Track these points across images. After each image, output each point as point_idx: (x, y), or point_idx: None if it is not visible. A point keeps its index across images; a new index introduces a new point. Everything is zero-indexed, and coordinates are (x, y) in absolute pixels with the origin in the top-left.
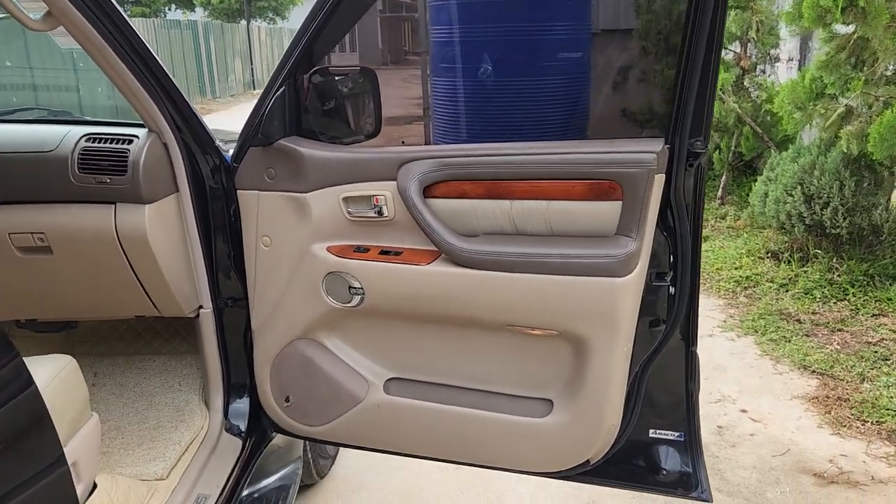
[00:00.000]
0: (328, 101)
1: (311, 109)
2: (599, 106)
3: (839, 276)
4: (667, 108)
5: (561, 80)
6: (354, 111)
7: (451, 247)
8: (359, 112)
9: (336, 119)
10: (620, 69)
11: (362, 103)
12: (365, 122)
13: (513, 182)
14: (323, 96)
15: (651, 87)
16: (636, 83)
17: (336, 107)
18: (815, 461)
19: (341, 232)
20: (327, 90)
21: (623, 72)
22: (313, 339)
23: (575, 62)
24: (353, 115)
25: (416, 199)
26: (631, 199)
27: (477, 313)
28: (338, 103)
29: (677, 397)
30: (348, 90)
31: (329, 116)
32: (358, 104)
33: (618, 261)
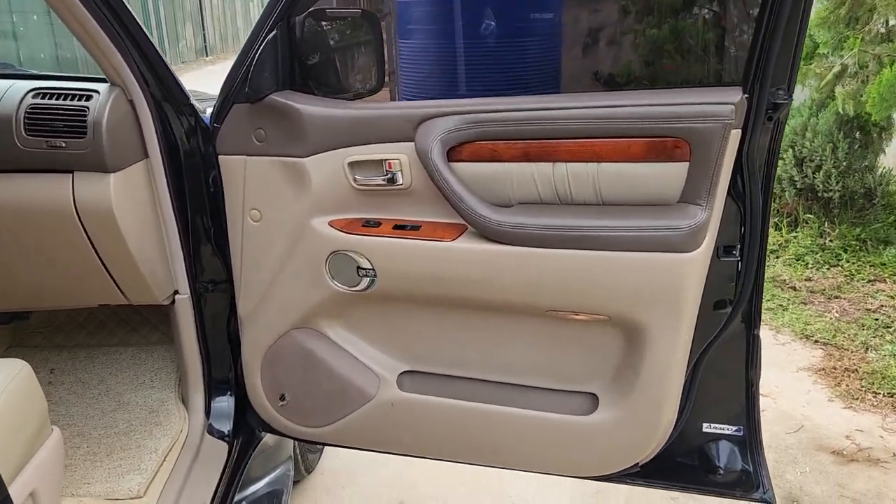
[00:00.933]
0: (327, 49)
1: (307, 58)
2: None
3: (831, 242)
4: (746, 51)
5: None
6: (355, 61)
7: (482, 219)
8: (360, 62)
9: (336, 70)
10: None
11: (363, 52)
12: (366, 75)
13: (556, 141)
14: (321, 43)
15: (728, 26)
16: (709, 25)
17: (335, 56)
18: (831, 437)
19: (347, 203)
20: (326, 36)
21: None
22: (313, 328)
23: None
24: (353, 66)
25: (439, 163)
26: (701, 160)
27: (511, 297)
28: (337, 52)
29: (736, 387)
30: (348, 37)
31: (328, 67)
32: (358, 53)
33: (684, 233)
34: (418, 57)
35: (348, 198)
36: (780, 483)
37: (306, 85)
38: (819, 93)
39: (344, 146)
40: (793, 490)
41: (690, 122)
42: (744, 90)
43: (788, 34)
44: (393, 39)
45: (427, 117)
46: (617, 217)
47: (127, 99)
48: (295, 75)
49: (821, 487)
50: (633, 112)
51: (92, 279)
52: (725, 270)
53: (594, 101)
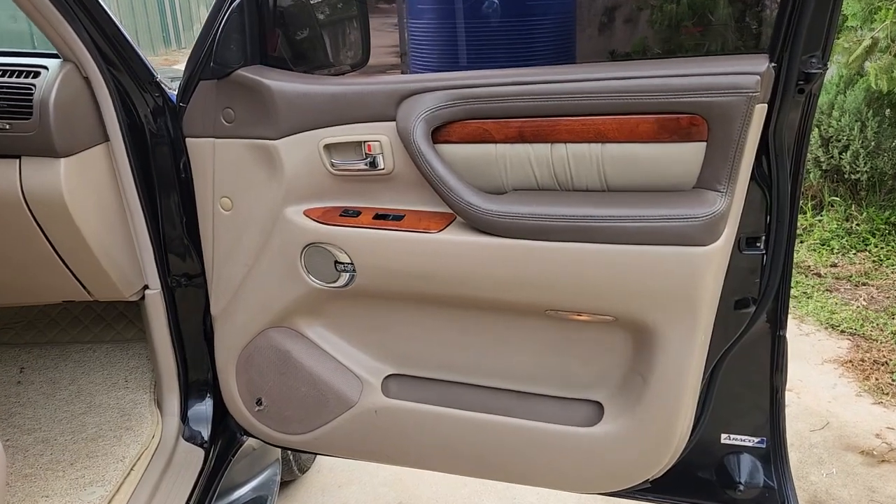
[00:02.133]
0: (302, 18)
1: (281, 29)
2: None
3: (858, 225)
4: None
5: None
6: (334, 33)
7: (471, 208)
8: (341, 35)
9: (312, 42)
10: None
11: (346, 23)
12: (349, 48)
13: (554, 119)
14: (296, 12)
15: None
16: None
17: (312, 26)
18: (859, 436)
19: (323, 190)
20: (301, 5)
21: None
22: (290, 327)
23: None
24: (333, 38)
25: (422, 145)
26: (721, 139)
27: (505, 295)
28: (315, 22)
29: (759, 393)
30: (328, 7)
31: (303, 39)
32: (340, 24)
33: (701, 223)
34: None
35: (325, 184)
36: (804, 485)
37: (280, 59)
38: (847, 69)
39: (319, 127)
40: (818, 493)
41: (708, 96)
42: (771, 58)
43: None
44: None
45: (409, 93)
46: (624, 205)
47: (82, 76)
48: (266, 49)
49: (848, 490)
50: (642, 84)
51: (50, 274)
52: (748, 265)
53: (597, 72)
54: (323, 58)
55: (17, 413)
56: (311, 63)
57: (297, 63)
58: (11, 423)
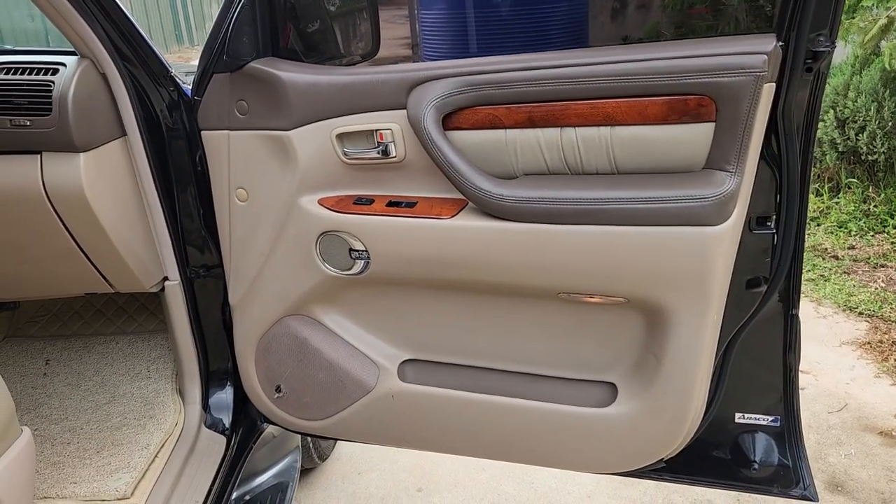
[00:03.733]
0: (313, 10)
1: (292, 21)
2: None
3: (875, 207)
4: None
5: None
6: (345, 24)
7: (483, 193)
8: (351, 26)
9: (323, 34)
10: None
11: (356, 14)
12: (359, 39)
13: (562, 103)
14: (306, 4)
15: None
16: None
17: (322, 18)
18: (877, 417)
19: (337, 179)
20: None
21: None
22: (307, 315)
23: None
24: (343, 29)
25: (433, 132)
26: (729, 119)
27: (517, 278)
28: (325, 13)
29: (772, 372)
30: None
31: (314, 31)
32: (350, 16)
33: (711, 203)
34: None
35: (338, 173)
36: (822, 466)
37: (292, 51)
38: (863, 48)
39: (331, 117)
40: (836, 474)
41: (716, 76)
42: (778, 38)
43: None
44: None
45: (420, 81)
46: (634, 187)
47: (98, 72)
48: (277, 40)
49: (867, 471)
50: (650, 67)
51: (72, 267)
52: (759, 245)
53: (605, 56)
54: (334, 49)
55: (43, 404)
56: (322, 54)
57: (309, 54)
58: (39, 414)
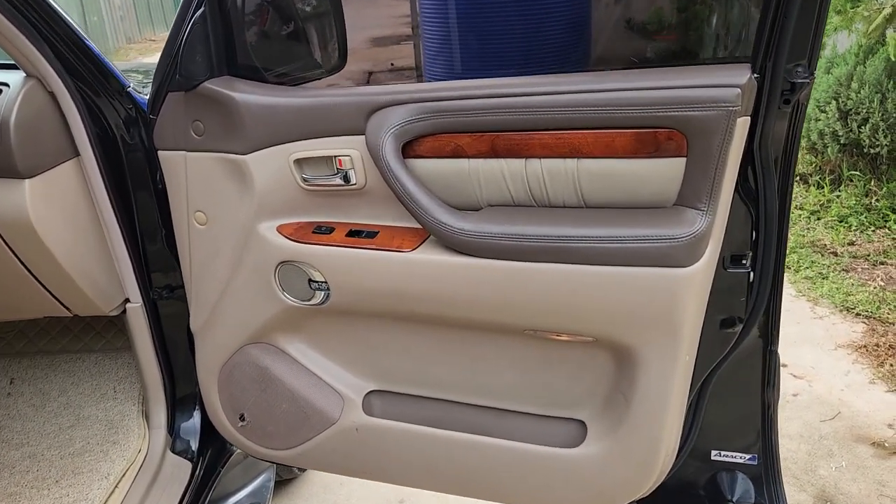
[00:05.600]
0: (273, 24)
1: (248, 36)
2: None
3: (877, 201)
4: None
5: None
6: (308, 38)
7: (444, 227)
8: (315, 39)
9: (285, 49)
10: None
11: (320, 27)
12: (324, 51)
13: (526, 133)
14: (266, 19)
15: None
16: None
17: (284, 32)
18: (871, 426)
19: (295, 206)
20: (271, 10)
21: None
22: (270, 343)
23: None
24: (307, 43)
25: (392, 161)
26: (701, 155)
27: (480, 314)
28: (287, 27)
29: (749, 409)
30: (300, 11)
31: (275, 46)
32: (314, 29)
33: (681, 244)
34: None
35: (297, 200)
36: (812, 479)
37: (248, 68)
38: (867, 38)
39: (288, 141)
40: (826, 487)
41: (686, 110)
42: (753, 68)
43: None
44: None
45: (379, 106)
46: (602, 224)
47: (46, 91)
48: (234, 58)
49: (858, 485)
50: (618, 98)
51: (27, 293)
52: (733, 284)
53: (570, 84)
54: (297, 64)
55: (6, 427)
56: (284, 71)
57: (270, 71)
58: (1, 438)
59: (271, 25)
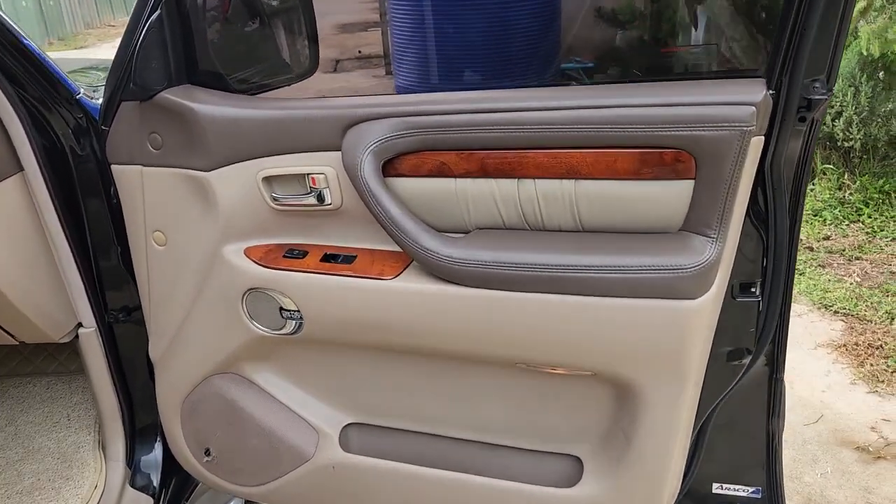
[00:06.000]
0: (237, 27)
1: (210, 40)
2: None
3: (851, 195)
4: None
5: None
6: (277, 41)
7: (430, 254)
8: (284, 42)
9: (248, 53)
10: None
11: (289, 30)
12: (294, 55)
13: (520, 152)
14: (229, 21)
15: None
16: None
17: (250, 35)
18: (854, 429)
19: (265, 227)
20: (235, 12)
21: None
22: (237, 373)
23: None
24: (275, 47)
25: (371, 181)
26: (711, 178)
27: (469, 347)
28: (252, 30)
29: (754, 440)
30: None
31: (237, 50)
32: (282, 31)
33: (689, 274)
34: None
35: (266, 220)
36: (798, 487)
37: (210, 75)
38: None
39: (256, 157)
40: (812, 496)
41: (696, 129)
42: (768, 84)
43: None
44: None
45: (356, 120)
46: (602, 251)
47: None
48: (195, 65)
49: (843, 492)
50: (620, 115)
51: None
52: (742, 314)
53: (568, 99)
54: (265, 70)
55: None
56: (250, 77)
57: (235, 78)
58: None
59: (235, 28)
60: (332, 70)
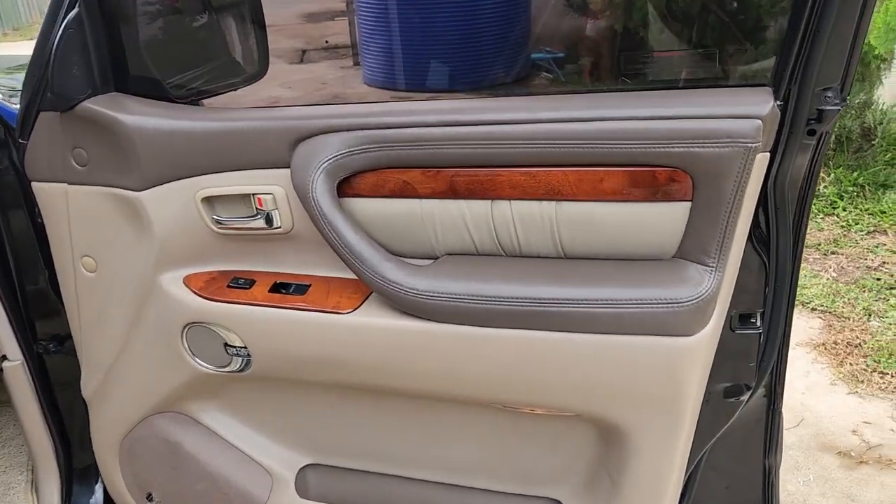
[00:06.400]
0: (168, 22)
1: (141, 40)
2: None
3: (826, 188)
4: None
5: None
6: (221, 42)
7: (390, 286)
8: (229, 38)
9: (186, 54)
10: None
11: (233, 22)
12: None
13: (493, 170)
14: (164, 20)
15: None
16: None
17: (185, 32)
18: (835, 433)
19: (206, 252)
20: (171, 9)
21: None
22: (181, 412)
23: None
24: (219, 47)
25: (323, 203)
26: (710, 200)
27: (438, 387)
28: (192, 30)
29: (750, 475)
30: (210, 9)
31: (173, 52)
32: (225, 25)
33: (685, 309)
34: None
35: (208, 246)
36: (782, 497)
37: (142, 81)
38: None
39: (194, 174)
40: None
41: (693, 146)
42: (776, 94)
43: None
44: None
45: (308, 133)
46: (585, 283)
47: None
48: (124, 70)
49: (827, 500)
50: (606, 129)
51: None
52: (742, 347)
53: (548, 110)
54: (207, 73)
55: None
56: (190, 82)
57: (173, 84)
58: None
59: (172, 26)
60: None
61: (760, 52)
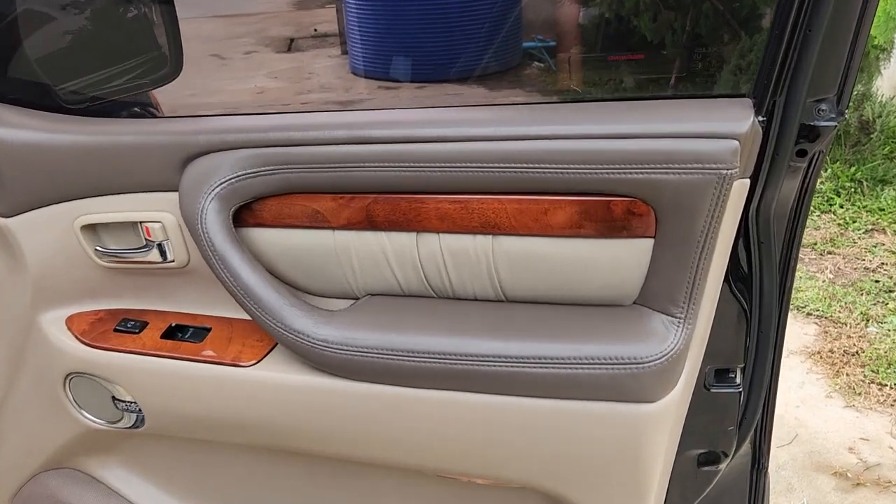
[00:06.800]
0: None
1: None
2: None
3: (822, 184)
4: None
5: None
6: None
7: (295, 337)
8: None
9: (79, 57)
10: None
11: (137, 15)
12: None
13: (418, 197)
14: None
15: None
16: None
17: (74, 26)
18: (831, 451)
19: (90, 289)
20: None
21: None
22: (76, 468)
23: None
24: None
25: (215, 235)
26: (677, 237)
27: (357, 453)
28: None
29: None
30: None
31: (63, 53)
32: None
33: (647, 371)
34: None
35: (92, 281)
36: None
37: (19, 87)
38: None
39: (72, 198)
40: None
41: (655, 171)
42: (758, 108)
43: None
44: None
45: (199, 151)
46: (530, 335)
47: None
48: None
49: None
50: (551, 149)
51: None
52: (718, 407)
53: (481, 125)
54: (109, 76)
55: None
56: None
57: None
58: None
59: (63, 22)
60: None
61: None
